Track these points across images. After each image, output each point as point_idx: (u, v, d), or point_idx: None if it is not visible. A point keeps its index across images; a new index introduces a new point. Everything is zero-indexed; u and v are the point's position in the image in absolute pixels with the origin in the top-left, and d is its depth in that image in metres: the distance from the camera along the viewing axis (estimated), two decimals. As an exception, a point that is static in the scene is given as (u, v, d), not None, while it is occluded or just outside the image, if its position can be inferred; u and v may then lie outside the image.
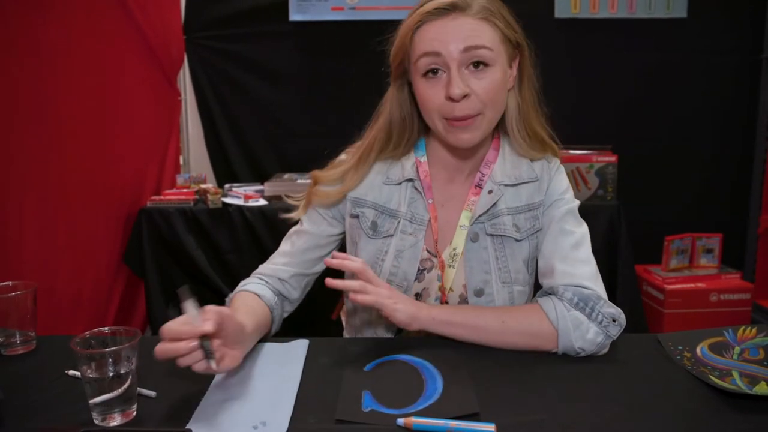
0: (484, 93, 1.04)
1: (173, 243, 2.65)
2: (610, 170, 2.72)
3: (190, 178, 2.98)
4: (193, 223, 2.66)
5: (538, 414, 0.82)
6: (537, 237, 1.17)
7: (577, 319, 1.02)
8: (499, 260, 1.14)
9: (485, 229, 1.15)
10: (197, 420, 0.80)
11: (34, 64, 1.94)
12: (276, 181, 2.84)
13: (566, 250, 1.11)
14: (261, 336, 1.07)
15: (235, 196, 2.76)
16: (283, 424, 0.79)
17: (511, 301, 1.15)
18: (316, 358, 1.01)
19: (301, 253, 1.21)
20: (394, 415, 0.81)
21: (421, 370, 0.96)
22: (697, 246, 2.91)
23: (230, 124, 3.20)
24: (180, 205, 2.65)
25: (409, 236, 1.15)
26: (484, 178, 1.17)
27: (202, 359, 0.82)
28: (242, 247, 2.67)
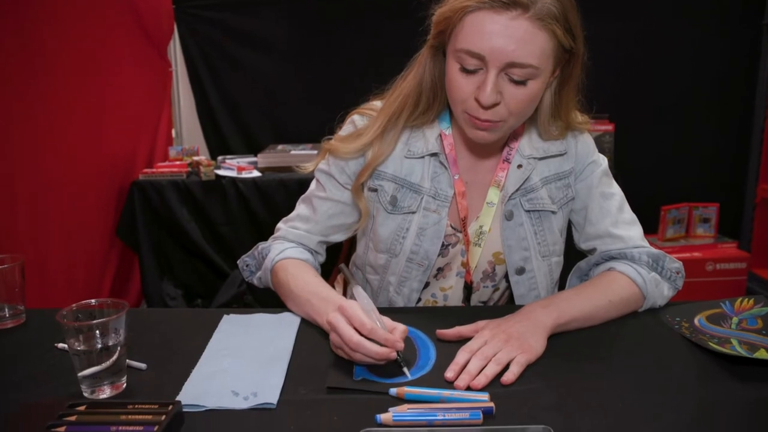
0: (514, 104, 0.97)
1: (166, 216, 2.63)
2: (607, 139, 2.69)
3: (182, 151, 2.95)
4: (186, 196, 2.63)
5: (532, 383, 0.82)
6: (569, 205, 1.16)
7: (656, 279, 1.07)
8: (538, 235, 1.12)
9: (521, 205, 1.11)
10: (188, 392, 0.80)
11: (21, 37, 1.89)
12: (270, 153, 2.81)
13: (614, 215, 1.14)
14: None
15: (229, 168, 2.74)
16: (274, 394, 0.79)
17: (550, 274, 1.15)
18: (309, 328, 1.00)
19: (326, 219, 1.17)
20: (387, 385, 0.81)
21: (414, 339, 0.95)
22: (693, 215, 2.90)
23: (222, 95, 3.16)
24: (172, 178, 2.63)
25: (432, 213, 1.10)
26: (512, 152, 1.12)
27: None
28: (236, 219, 2.66)
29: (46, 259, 2.04)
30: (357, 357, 0.83)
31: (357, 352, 0.82)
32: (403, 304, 1.16)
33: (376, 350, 0.81)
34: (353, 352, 0.83)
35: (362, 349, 0.82)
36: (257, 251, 1.19)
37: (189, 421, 0.74)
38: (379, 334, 0.82)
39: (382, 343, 0.82)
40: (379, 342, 0.82)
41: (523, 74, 0.95)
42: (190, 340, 0.96)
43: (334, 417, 0.74)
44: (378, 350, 0.81)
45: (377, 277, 1.18)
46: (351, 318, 0.83)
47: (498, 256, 1.14)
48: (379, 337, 0.82)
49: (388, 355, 0.82)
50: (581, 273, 1.17)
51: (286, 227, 1.20)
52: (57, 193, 2.10)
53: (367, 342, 0.82)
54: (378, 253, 1.15)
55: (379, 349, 0.81)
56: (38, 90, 1.99)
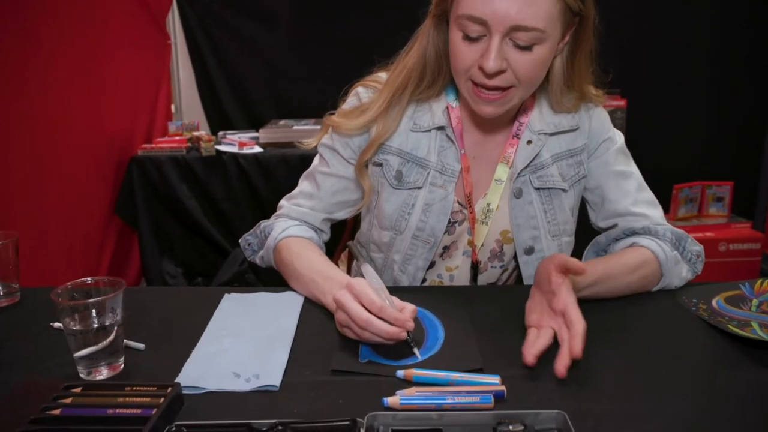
0: (522, 70, 0.95)
1: (166, 192, 2.63)
2: (619, 116, 2.66)
3: (182, 126, 2.93)
4: (186, 172, 2.63)
5: (545, 367, 0.81)
6: (581, 184, 1.15)
7: (676, 258, 1.06)
8: (548, 214, 1.11)
9: (531, 182, 1.10)
10: (187, 373, 0.79)
11: (15, 12, 1.85)
12: (272, 128, 2.79)
13: (633, 194, 1.13)
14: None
15: (229, 144, 2.72)
16: (276, 376, 0.78)
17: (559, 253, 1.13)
18: (313, 308, 1.00)
19: (330, 196, 1.16)
20: (394, 367, 0.80)
21: (422, 319, 0.95)
22: (706, 194, 2.87)
23: (223, 68, 3.12)
24: (172, 154, 2.62)
25: (438, 189, 1.10)
26: (522, 127, 1.11)
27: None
28: (237, 195, 2.66)
29: (43, 237, 2.03)
30: (366, 336, 0.82)
31: (366, 331, 0.81)
32: (408, 283, 1.15)
33: (387, 329, 0.80)
34: (362, 330, 0.82)
35: (372, 328, 0.81)
36: (259, 229, 1.18)
37: (189, 403, 0.74)
38: (389, 312, 0.81)
39: (392, 323, 0.81)
40: (388, 321, 0.81)
41: (529, 38, 0.92)
42: (190, 319, 0.96)
43: (339, 400, 0.74)
44: (388, 329, 0.80)
45: (381, 255, 1.17)
46: (359, 295, 0.82)
47: (506, 235, 1.13)
48: (389, 316, 0.81)
49: (398, 335, 0.81)
50: (599, 248, 1.16)
51: (288, 205, 1.20)
52: (53, 169, 2.08)
53: (377, 320, 0.81)
54: (382, 231, 1.15)
55: (390, 328, 0.80)
56: (33, 65, 1.96)
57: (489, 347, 0.86)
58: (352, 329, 0.83)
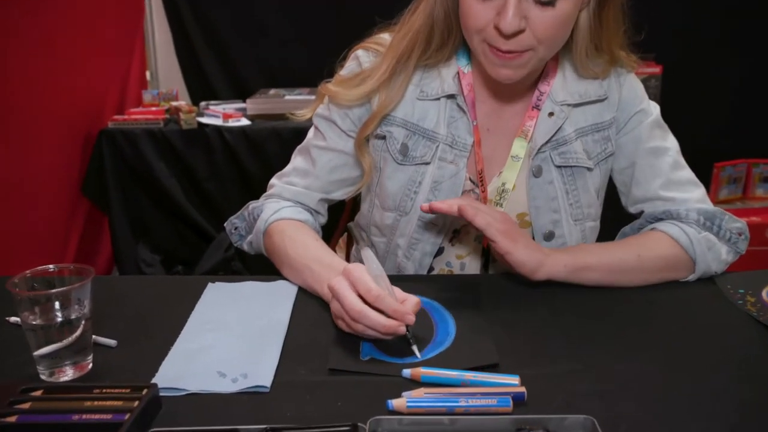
0: (542, 30, 0.94)
1: (141, 170, 2.63)
2: (653, 84, 2.64)
3: (158, 95, 2.93)
4: (163, 147, 2.62)
5: (569, 366, 0.81)
6: (608, 162, 1.15)
7: (709, 240, 1.05)
8: (570, 195, 1.11)
9: (551, 159, 1.10)
10: (165, 373, 0.79)
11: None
12: (260, 98, 2.79)
13: (666, 174, 1.12)
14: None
15: (213, 116, 2.72)
16: (267, 376, 0.78)
17: (583, 240, 1.14)
18: (308, 299, 1.00)
19: (327, 173, 1.16)
20: (399, 366, 0.80)
21: (430, 311, 0.95)
22: (752, 174, 2.87)
23: (205, 31, 3.11)
24: (148, 126, 2.61)
25: (448, 164, 1.09)
26: (543, 97, 1.10)
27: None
28: (222, 174, 2.67)
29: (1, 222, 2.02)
30: (358, 328, 0.82)
31: (358, 323, 0.81)
32: (414, 270, 1.15)
33: (382, 322, 0.80)
34: (355, 322, 0.82)
35: (365, 319, 0.80)
36: (248, 211, 1.18)
37: (167, 406, 0.73)
38: (386, 303, 0.81)
39: (390, 315, 0.81)
40: (386, 314, 0.81)
41: None
42: (168, 312, 0.95)
43: (338, 403, 0.74)
44: (384, 322, 0.80)
45: (383, 240, 1.18)
46: (355, 282, 0.82)
47: (523, 218, 1.12)
48: (387, 306, 0.80)
49: (396, 329, 0.80)
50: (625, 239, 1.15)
51: (280, 183, 1.19)
52: (11, 144, 2.07)
53: (372, 312, 0.80)
54: (385, 212, 1.14)
55: (386, 321, 0.80)
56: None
57: (506, 343, 0.86)
58: (345, 321, 0.84)
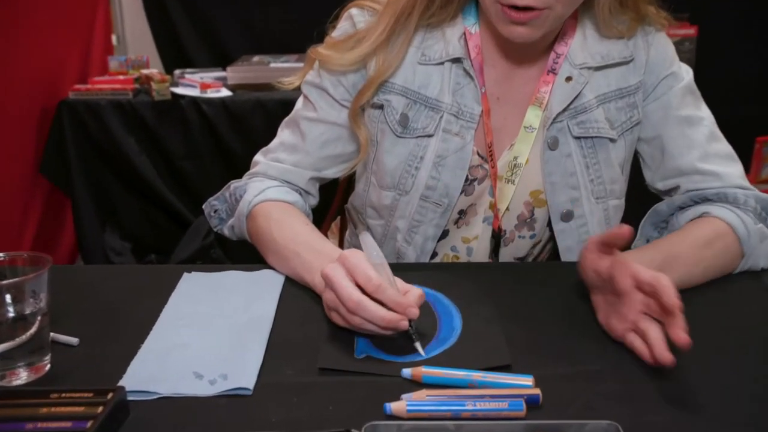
0: None
1: (107, 147, 2.63)
2: (687, 47, 2.63)
3: (126, 62, 2.93)
4: (133, 121, 2.63)
5: (590, 365, 0.81)
6: (635, 132, 1.14)
7: (763, 233, 1.04)
8: (591, 170, 1.11)
9: (569, 130, 1.10)
10: (134, 374, 0.79)
11: None
12: (242, 66, 2.80)
13: (702, 145, 1.12)
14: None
15: (189, 85, 2.73)
16: (249, 377, 0.78)
17: (606, 221, 1.14)
18: (296, 290, 1.00)
19: (318, 148, 1.17)
20: (398, 364, 0.80)
21: (433, 304, 0.95)
22: (798, 149, 2.86)
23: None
24: (114, 97, 2.61)
25: (453, 137, 1.10)
26: (560, 60, 1.10)
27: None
28: (200, 151, 2.67)
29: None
30: (356, 322, 0.82)
31: (356, 316, 0.81)
32: (415, 257, 1.16)
33: (382, 314, 0.80)
34: (351, 315, 0.81)
35: (363, 312, 0.80)
36: (229, 192, 1.18)
37: (136, 412, 0.73)
38: (388, 294, 0.80)
39: (392, 308, 0.80)
40: (387, 306, 0.80)
41: None
42: (138, 306, 0.95)
43: (329, 407, 0.74)
44: (385, 315, 0.80)
45: (381, 223, 1.18)
46: (353, 270, 0.82)
47: (538, 197, 1.13)
48: (388, 298, 0.80)
49: (398, 323, 0.80)
50: (659, 219, 1.16)
51: (265, 160, 1.20)
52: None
53: (372, 303, 0.80)
54: (382, 191, 1.15)
55: (387, 314, 0.80)
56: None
57: (519, 340, 0.86)
58: (341, 313, 0.83)
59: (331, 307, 0.85)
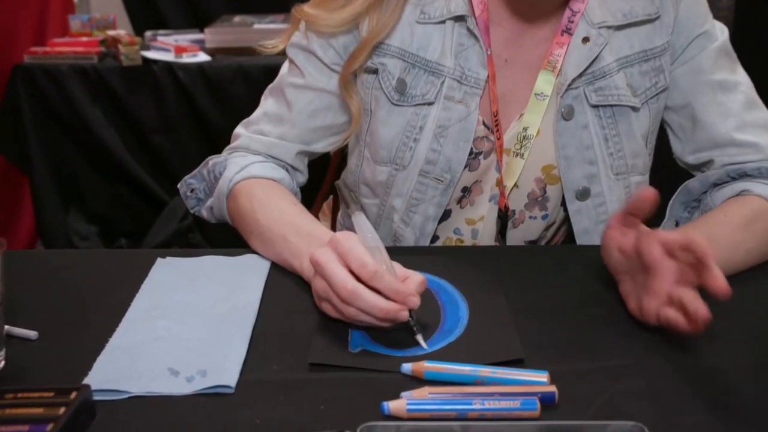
0: None
1: (70, 118, 2.63)
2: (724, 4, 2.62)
3: (90, 22, 2.92)
4: (99, 90, 2.62)
5: (612, 360, 0.81)
6: (661, 100, 1.14)
7: None
8: (610, 142, 1.11)
9: (586, 97, 1.10)
10: (101, 371, 0.79)
11: None
12: (222, 27, 2.80)
13: (739, 114, 1.12)
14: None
15: (162, 49, 2.72)
16: (231, 373, 0.78)
17: (627, 200, 1.13)
18: (283, 278, 1.00)
19: (307, 118, 1.17)
20: (397, 359, 0.81)
21: (436, 292, 0.95)
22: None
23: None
24: (77, 62, 2.61)
25: (457, 105, 1.10)
26: (575, 18, 1.09)
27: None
28: (175, 123, 2.67)
29: None
30: (349, 312, 0.82)
31: (350, 306, 0.81)
32: (414, 239, 1.16)
33: (380, 304, 0.80)
34: (345, 305, 0.81)
35: (359, 301, 0.80)
36: (207, 169, 1.19)
37: (103, 414, 0.73)
38: (386, 281, 0.80)
39: (390, 297, 0.80)
40: (384, 294, 0.80)
41: None
42: (106, 295, 0.95)
43: (321, 406, 0.74)
44: (382, 304, 0.80)
45: (375, 202, 1.19)
46: (346, 255, 0.81)
47: (550, 172, 1.13)
48: (386, 286, 0.80)
49: (397, 314, 0.80)
50: (690, 197, 1.16)
51: (248, 133, 1.20)
52: None
53: (368, 291, 0.80)
54: (377, 166, 1.15)
55: (385, 304, 0.80)
56: None
57: (531, 332, 0.86)
58: (333, 303, 0.83)
59: (322, 296, 0.85)
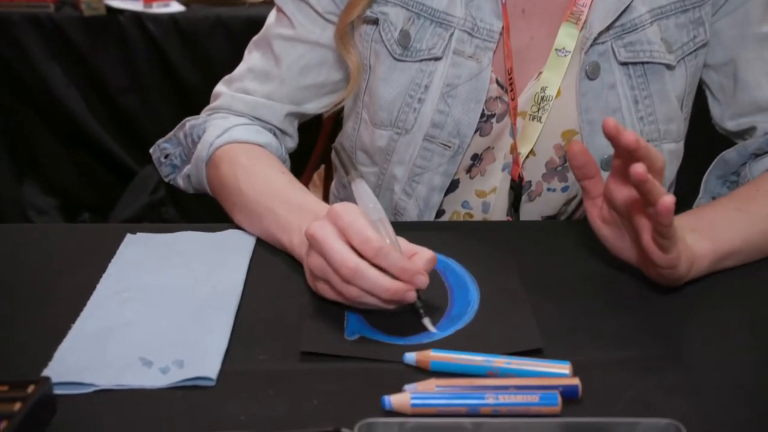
0: None
1: (24, 76, 2.64)
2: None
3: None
4: (57, 43, 2.62)
5: (643, 350, 0.81)
6: (699, 56, 1.14)
7: None
8: (640, 105, 1.11)
9: (614, 53, 1.10)
10: (63, 362, 0.78)
11: None
12: (197, -28, 2.79)
13: None
14: None
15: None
16: (211, 363, 0.78)
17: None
18: (270, 255, 1.01)
19: (297, 75, 1.17)
20: (400, 347, 0.81)
21: (443, 272, 0.95)
22: None
23: None
24: (31, 10, 2.60)
25: (467, 60, 1.10)
26: None
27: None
28: (145, 82, 2.68)
29: None
30: (352, 293, 0.81)
31: (353, 286, 0.81)
32: (417, 213, 1.17)
33: (387, 284, 0.79)
34: (346, 285, 0.81)
35: (363, 281, 0.80)
36: (184, 132, 1.19)
37: (65, 410, 0.72)
38: (392, 258, 0.80)
39: (396, 275, 0.80)
40: (390, 273, 0.80)
41: None
42: (67, 275, 0.95)
43: (314, 401, 0.74)
44: (389, 284, 0.79)
45: (374, 170, 1.20)
46: (347, 229, 0.81)
47: (572, 138, 1.14)
48: (392, 263, 0.80)
49: (404, 295, 0.80)
50: (728, 170, 1.17)
51: (230, 91, 1.21)
52: None
53: (373, 269, 0.80)
54: (376, 129, 1.15)
55: (391, 283, 0.80)
56: None
57: (551, 317, 0.87)
58: (332, 283, 0.83)
59: (319, 275, 0.85)
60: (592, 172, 0.88)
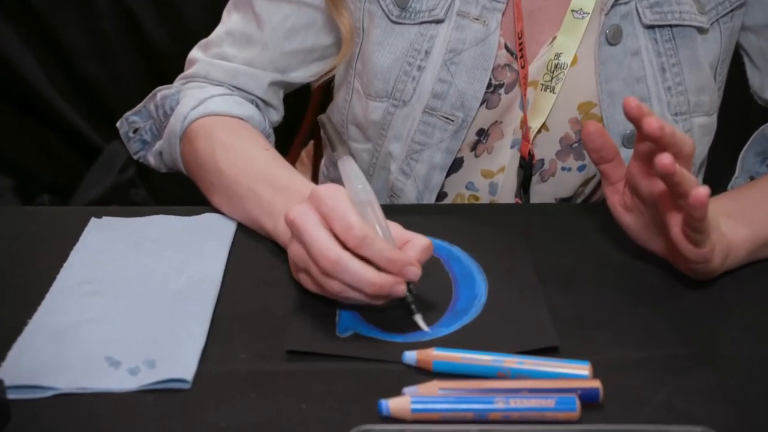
0: None
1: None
2: None
3: None
4: (11, 4, 2.61)
5: (671, 350, 0.82)
6: (734, 19, 1.13)
7: None
8: (668, 73, 1.11)
9: (639, 15, 1.10)
10: (18, 363, 0.79)
11: None
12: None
13: None
14: None
15: (93, -47, 2.68)
16: (187, 364, 0.78)
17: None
18: (253, 243, 1.02)
19: (282, 39, 1.18)
20: (398, 346, 0.81)
21: (447, 262, 0.96)
22: None
23: None
24: (-17, -32, 2.59)
25: (472, 23, 1.10)
26: None
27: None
28: (111, 48, 2.67)
29: None
30: (332, 287, 0.81)
31: (333, 279, 0.81)
32: (416, 194, 1.18)
33: (370, 277, 0.79)
34: (326, 278, 0.81)
35: (344, 273, 0.80)
36: (155, 103, 1.20)
37: (21, 416, 0.73)
38: (377, 248, 0.80)
39: (383, 267, 0.80)
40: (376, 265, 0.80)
41: None
42: (24, 264, 0.97)
43: (302, 405, 0.74)
44: (373, 277, 0.79)
45: (368, 147, 1.21)
46: (329, 214, 0.81)
47: (589, 111, 1.15)
48: (377, 253, 0.80)
49: (391, 289, 0.80)
50: (766, 147, 1.17)
51: (207, 58, 1.21)
52: None
53: (355, 261, 0.79)
54: (371, 101, 1.16)
55: (376, 276, 0.79)
56: None
57: (568, 312, 0.87)
58: (312, 275, 0.83)
59: (300, 266, 0.85)
60: (610, 155, 0.88)
